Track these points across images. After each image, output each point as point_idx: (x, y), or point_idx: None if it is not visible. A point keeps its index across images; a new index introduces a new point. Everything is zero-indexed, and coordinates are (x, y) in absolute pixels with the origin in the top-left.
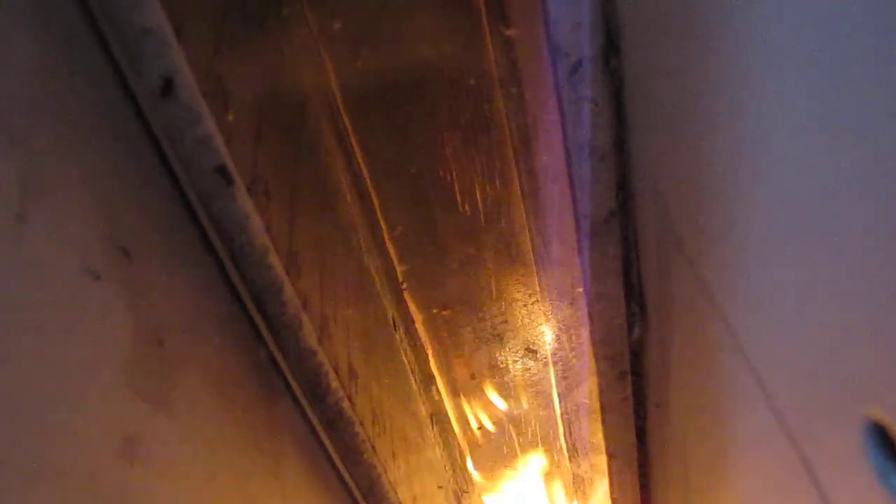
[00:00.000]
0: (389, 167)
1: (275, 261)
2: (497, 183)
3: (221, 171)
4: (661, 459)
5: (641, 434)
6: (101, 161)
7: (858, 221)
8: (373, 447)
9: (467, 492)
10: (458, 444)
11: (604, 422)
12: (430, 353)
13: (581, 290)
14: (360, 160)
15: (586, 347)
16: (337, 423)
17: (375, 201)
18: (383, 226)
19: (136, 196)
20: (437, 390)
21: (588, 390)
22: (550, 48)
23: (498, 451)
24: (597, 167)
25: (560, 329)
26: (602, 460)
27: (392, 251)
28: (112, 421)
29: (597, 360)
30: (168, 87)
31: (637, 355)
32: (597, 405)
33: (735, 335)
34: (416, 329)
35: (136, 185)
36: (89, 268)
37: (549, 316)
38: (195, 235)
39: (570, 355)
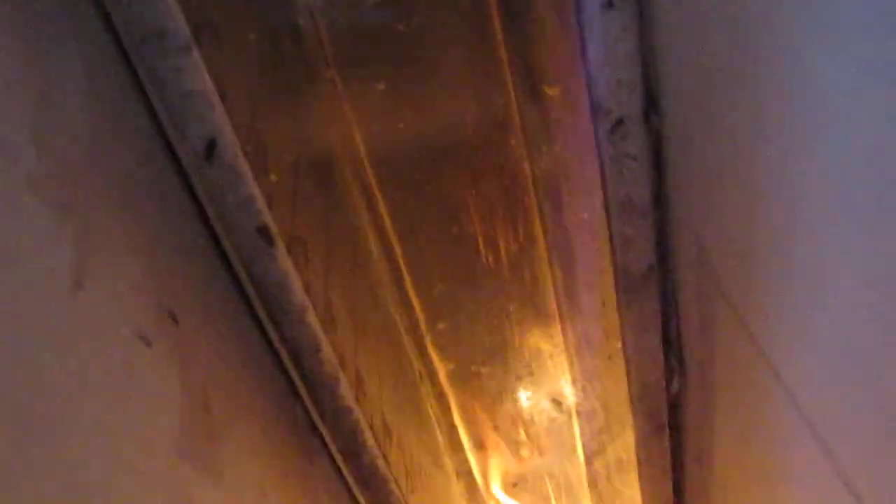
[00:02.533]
0: (414, 224)
1: (313, 319)
2: (522, 238)
3: (263, 232)
4: None
5: (678, 489)
6: (148, 225)
7: None
8: None
9: None
10: (483, 499)
11: (640, 476)
12: (453, 405)
13: (613, 343)
14: (386, 217)
15: (614, 399)
16: (372, 482)
17: (400, 257)
18: (407, 279)
19: (180, 259)
20: (462, 444)
21: (621, 443)
22: (591, 106)
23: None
24: (637, 222)
25: (586, 381)
26: None
27: (416, 304)
28: (166, 490)
29: (634, 415)
30: (211, 148)
31: (675, 409)
32: (629, 458)
33: (791, 393)
34: (440, 381)
35: (180, 248)
36: (141, 333)
37: (575, 368)
38: (236, 297)
39: (597, 405)
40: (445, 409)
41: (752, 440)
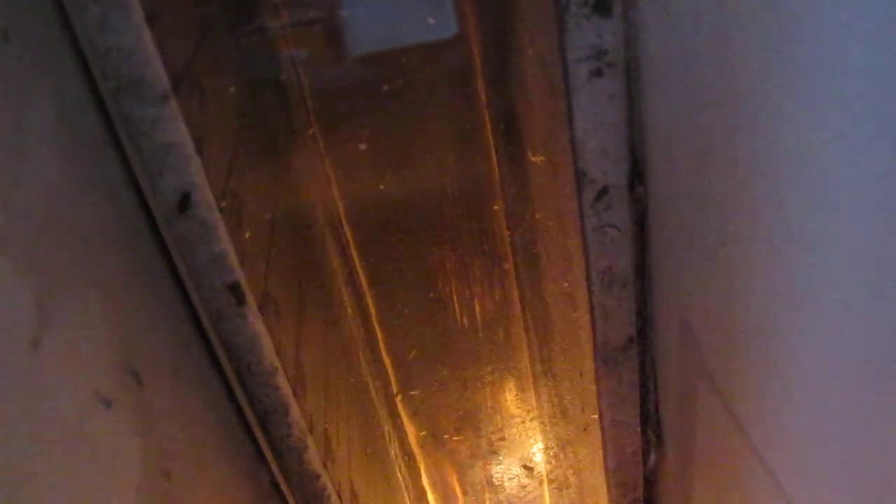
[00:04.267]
0: (391, 287)
1: (283, 381)
2: (499, 302)
3: (234, 289)
4: None
5: None
6: (115, 280)
7: None
8: None
9: None
10: None
11: None
12: (422, 467)
13: (586, 412)
14: (362, 278)
15: (586, 467)
16: None
17: (375, 319)
18: (380, 339)
19: (148, 316)
20: None
21: None
22: (576, 174)
23: None
24: (618, 293)
25: (559, 448)
26: None
27: (388, 364)
28: None
29: (608, 488)
30: (185, 201)
31: (651, 484)
32: None
33: (772, 473)
34: (409, 443)
35: (148, 305)
36: (101, 394)
37: (548, 433)
38: (204, 356)
39: (569, 474)
40: (415, 473)
41: None
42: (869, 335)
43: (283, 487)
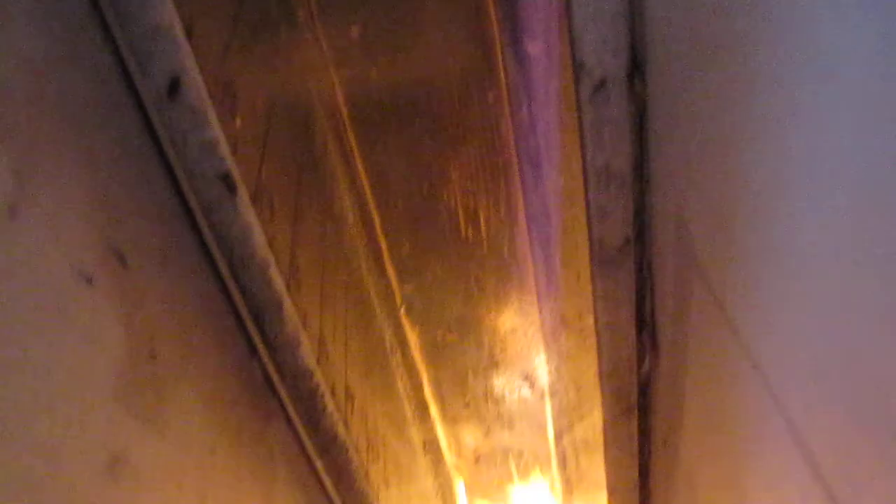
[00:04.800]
0: (393, 187)
1: (276, 276)
2: (502, 207)
3: (225, 178)
4: (664, 499)
5: (644, 471)
6: (101, 161)
7: None
8: (366, 474)
9: None
10: (450, 474)
11: (606, 457)
12: (425, 378)
13: (584, 320)
14: (364, 178)
15: (587, 380)
16: (331, 448)
17: (377, 221)
18: (384, 247)
19: (135, 200)
20: (431, 417)
21: (589, 424)
22: (574, 65)
23: (490, 482)
24: (615, 193)
25: (559, 360)
26: (599, 496)
27: (392, 273)
28: (98, 437)
29: (602, 394)
30: (175, 87)
31: (645, 390)
32: (598, 439)
33: (765, 376)
34: (412, 354)
35: (136, 189)
36: (82, 271)
37: (550, 345)
38: (195, 245)
39: (569, 386)
40: (416, 384)
41: (720, 422)
42: (868, 230)
43: (276, 382)
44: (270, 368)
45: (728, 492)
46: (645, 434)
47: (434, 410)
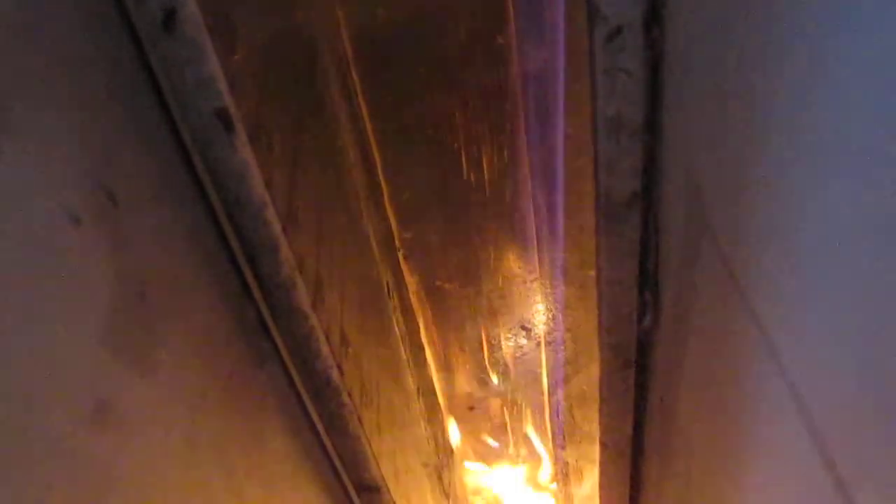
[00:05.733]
0: (396, 130)
1: (272, 217)
2: (506, 153)
3: (222, 115)
4: (658, 454)
5: (639, 427)
6: (91, 95)
7: None
8: (359, 419)
9: (448, 468)
10: (444, 421)
11: (601, 411)
12: (421, 324)
13: (586, 272)
14: (367, 120)
15: (585, 331)
16: (324, 392)
17: (379, 165)
18: (385, 190)
19: (127, 136)
20: (426, 364)
21: (585, 377)
22: (588, 10)
23: (483, 429)
24: (625, 143)
25: (557, 310)
26: (592, 449)
27: (392, 217)
28: (84, 382)
29: (601, 348)
30: (170, 18)
31: (644, 347)
32: (593, 392)
33: (769, 340)
34: (409, 299)
35: (128, 125)
36: (70, 211)
37: (548, 296)
38: (189, 184)
39: (566, 337)
40: (413, 328)
41: (720, 383)
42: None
43: (270, 325)
44: (265, 311)
45: (724, 452)
46: (641, 390)
47: (429, 357)
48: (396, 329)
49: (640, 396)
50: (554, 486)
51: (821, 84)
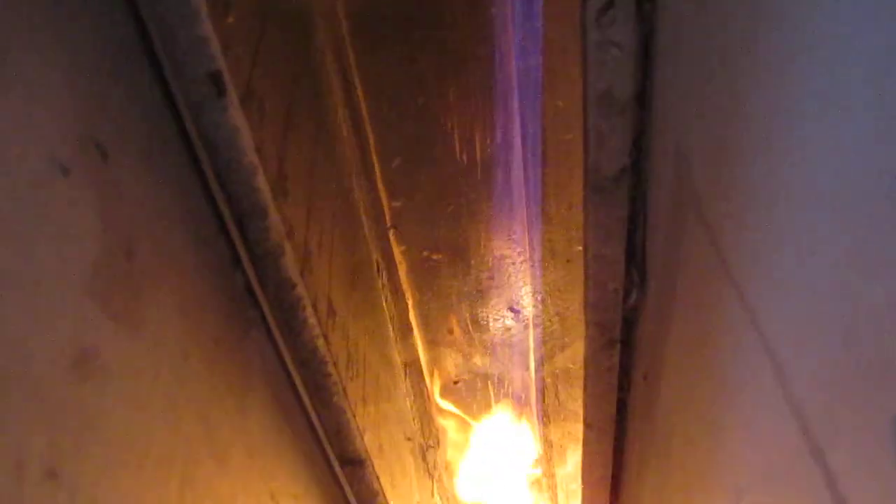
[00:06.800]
0: (389, 104)
1: (262, 183)
2: (498, 131)
3: (215, 78)
4: (640, 434)
5: (622, 406)
6: (83, 49)
7: None
8: (344, 390)
9: (433, 447)
10: (430, 397)
11: (585, 389)
12: (410, 302)
13: (572, 245)
14: (360, 93)
15: (572, 313)
16: (310, 362)
17: (371, 138)
18: (376, 164)
19: (119, 93)
20: (414, 340)
21: (571, 355)
22: None
23: (469, 408)
24: (615, 119)
25: (546, 292)
26: (576, 428)
27: (382, 191)
28: (68, 331)
29: (587, 325)
30: None
31: (629, 324)
32: (579, 371)
33: (753, 314)
34: (398, 274)
35: (120, 82)
36: (57, 160)
37: (537, 277)
38: (180, 146)
39: (554, 319)
40: (401, 307)
41: (703, 360)
42: (870, 167)
43: (258, 292)
44: (252, 278)
45: (705, 427)
46: (626, 369)
47: (417, 332)
48: (384, 303)
49: (625, 375)
50: (538, 466)
51: (804, 55)
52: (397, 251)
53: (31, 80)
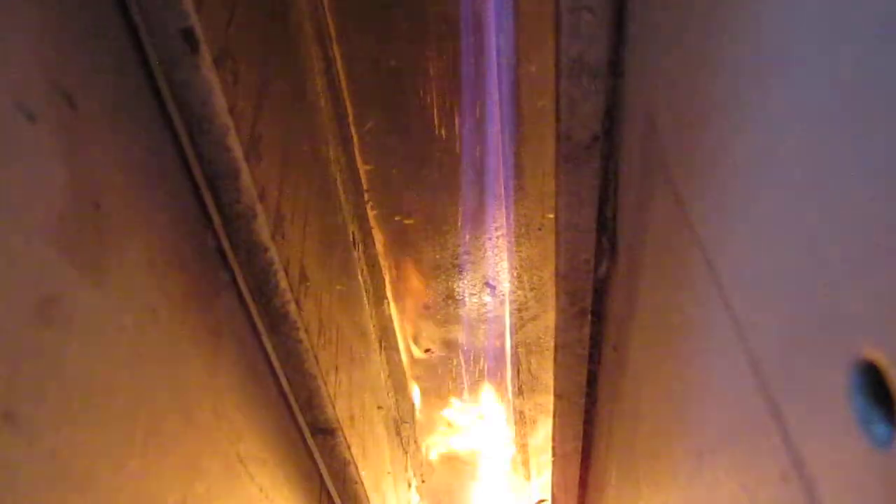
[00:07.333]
0: (367, 74)
1: (234, 144)
2: (477, 107)
3: (187, 35)
4: (609, 405)
5: (592, 378)
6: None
7: (863, 159)
8: (315, 357)
9: (407, 422)
10: (403, 368)
11: (556, 361)
12: (387, 277)
13: (544, 212)
14: (340, 65)
15: (545, 285)
16: (281, 327)
17: (350, 111)
18: (354, 138)
19: (90, 46)
20: (389, 313)
21: (542, 325)
22: None
23: (442, 380)
24: (587, 85)
25: (522, 268)
26: (548, 400)
27: (360, 165)
28: (31, 277)
29: (557, 295)
30: None
31: (600, 295)
32: (551, 343)
33: (717, 276)
34: (374, 246)
35: (91, 35)
36: (24, 106)
37: (513, 252)
38: (151, 103)
39: (529, 295)
40: (377, 281)
41: (669, 327)
42: (830, 139)
43: (229, 255)
44: (223, 240)
45: (669, 389)
46: (596, 341)
47: (391, 303)
48: (359, 274)
49: (595, 346)
50: (510, 435)
51: (768, 12)
52: (373, 223)
53: (2, 29)
